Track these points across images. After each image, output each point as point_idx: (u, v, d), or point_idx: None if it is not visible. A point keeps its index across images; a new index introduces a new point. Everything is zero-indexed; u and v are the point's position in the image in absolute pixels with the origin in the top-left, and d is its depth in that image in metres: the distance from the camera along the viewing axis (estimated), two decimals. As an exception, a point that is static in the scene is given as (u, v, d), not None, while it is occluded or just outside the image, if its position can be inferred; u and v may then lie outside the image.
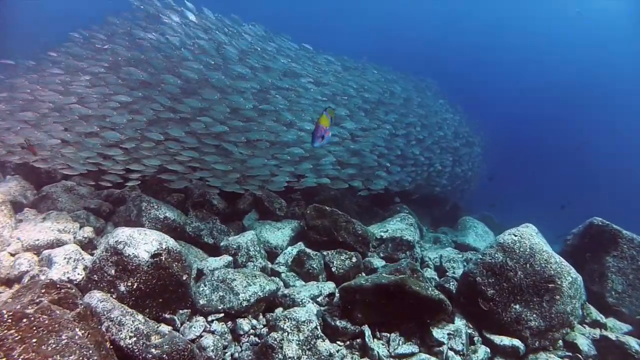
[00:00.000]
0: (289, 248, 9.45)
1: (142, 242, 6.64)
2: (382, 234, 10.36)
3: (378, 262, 9.52)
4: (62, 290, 4.94)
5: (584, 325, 8.54)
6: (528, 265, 7.72)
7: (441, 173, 16.25)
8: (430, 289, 7.12)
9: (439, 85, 17.82)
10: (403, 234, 10.23)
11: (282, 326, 6.07)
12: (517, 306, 7.59)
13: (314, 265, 8.62)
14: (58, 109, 9.87)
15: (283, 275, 8.66)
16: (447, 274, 9.80)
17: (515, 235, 8.00)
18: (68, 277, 6.76)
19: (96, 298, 5.72)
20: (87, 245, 8.72)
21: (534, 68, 53.31)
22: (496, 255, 7.88)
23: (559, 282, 7.56)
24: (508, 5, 49.44)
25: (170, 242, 7.03)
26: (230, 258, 8.52)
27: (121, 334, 5.26)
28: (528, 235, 8.03)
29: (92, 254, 8.07)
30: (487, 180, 19.82)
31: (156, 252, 6.65)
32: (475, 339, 7.51)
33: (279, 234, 10.05)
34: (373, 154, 12.28)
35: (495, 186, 22.09)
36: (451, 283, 8.74)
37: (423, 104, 15.56)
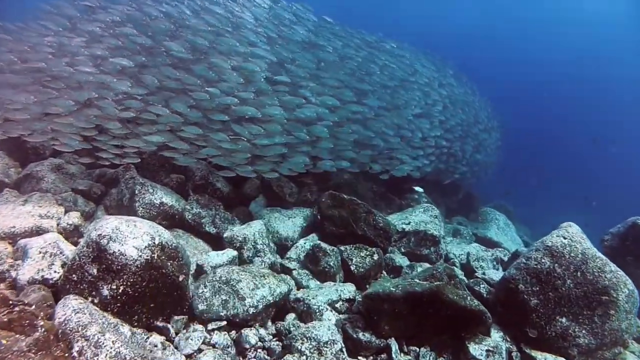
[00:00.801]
0: (302, 241, 8.24)
1: (131, 236, 5.42)
2: (404, 226, 9.14)
3: (401, 259, 8.34)
4: (16, 309, 3.69)
5: (633, 342, 7.33)
6: (579, 273, 6.52)
7: (461, 159, 15.02)
8: (468, 298, 5.95)
9: (458, 66, 16.38)
10: (427, 228, 9.01)
11: (299, 348, 4.90)
12: (564, 319, 6.42)
13: (331, 263, 7.42)
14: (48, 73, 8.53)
15: (295, 273, 7.47)
16: (476, 274, 8.59)
17: (565, 238, 6.77)
18: (42, 276, 5.50)
19: (70, 307, 4.51)
20: (73, 233, 7.52)
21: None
22: (543, 260, 6.67)
23: (614, 295, 6.37)
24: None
25: (165, 236, 5.82)
26: (235, 253, 7.31)
27: None
28: (579, 239, 6.81)
29: (77, 244, 6.82)
30: (502, 169, 18.53)
31: (147, 248, 5.40)
32: (514, 354, 6.35)
33: (289, 223, 8.84)
34: (396, 137, 10.96)
35: (509, 174, 20.84)
36: (482, 286, 7.54)
37: (445, 83, 14.19)
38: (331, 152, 9.57)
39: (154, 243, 5.53)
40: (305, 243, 8.12)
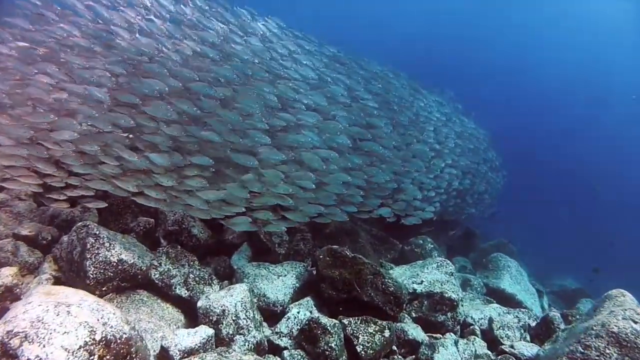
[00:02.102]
0: (294, 309, 6.51)
1: (59, 332, 3.70)
2: (416, 286, 7.47)
3: (414, 331, 6.65)
4: None
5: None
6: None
7: (471, 200, 13.69)
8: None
9: (456, 96, 14.91)
10: (444, 289, 7.35)
11: None
12: None
13: (332, 344, 5.67)
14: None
15: (286, 354, 5.72)
16: (503, 347, 6.90)
17: (636, 322, 5.11)
18: None
19: None
20: (5, 296, 5.76)
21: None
22: (607, 352, 5.03)
23: None
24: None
25: (113, 323, 4.12)
26: (211, 331, 5.55)
27: None
28: (650, 318, 5.17)
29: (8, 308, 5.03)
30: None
31: (84, 348, 3.67)
32: None
33: (279, 283, 7.11)
34: (409, 178, 9.37)
35: (506, 212, 19.32)
36: (514, 365, 5.82)
37: (455, 119, 12.75)
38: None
39: (95, 339, 3.82)
40: (299, 312, 6.38)
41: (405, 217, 9.32)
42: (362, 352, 5.81)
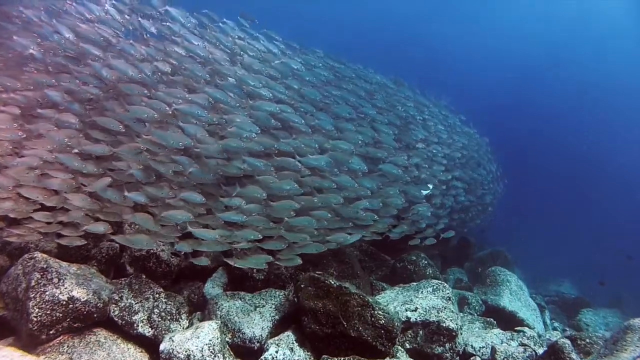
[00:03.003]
0: (272, 347, 5.69)
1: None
2: (410, 314, 6.64)
3: (409, 368, 5.80)
4: None
5: None
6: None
7: (476, 213, 13.19)
8: None
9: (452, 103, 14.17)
10: (441, 318, 6.52)
11: None
12: None
13: (314, 394, 4.82)
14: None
15: (262, 406, 4.85)
16: (510, 382, 6.09)
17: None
18: None
19: None
20: None
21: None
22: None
23: None
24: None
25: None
26: (173, 383, 4.67)
27: None
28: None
29: None
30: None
31: None
32: None
33: (256, 317, 6.26)
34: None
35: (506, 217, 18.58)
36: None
37: (460, 130, 12.15)
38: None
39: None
40: (277, 352, 5.55)
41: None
42: (350, 401, 5.00)
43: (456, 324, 6.54)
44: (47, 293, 5.27)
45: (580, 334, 7.98)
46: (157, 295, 6.23)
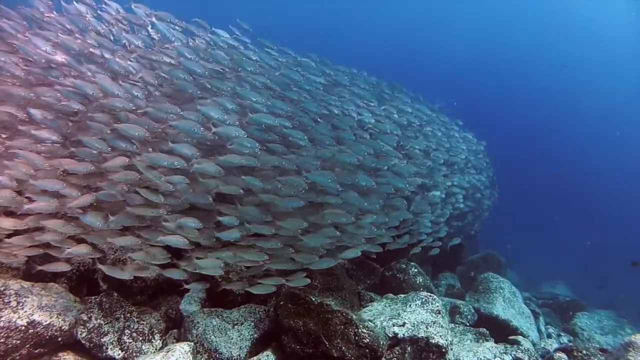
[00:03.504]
0: (250, 369, 5.27)
1: None
2: (397, 329, 6.24)
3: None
4: None
5: None
6: None
7: (472, 217, 12.85)
8: None
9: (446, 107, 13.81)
10: (430, 333, 6.14)
11: None
12: None
13: None
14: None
15: None
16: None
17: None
18: None
19: None
20: None
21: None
22: None
23: None
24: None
25: None
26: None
27: None
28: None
29: None
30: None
31: None
32: None
33: (234, 334, 5.87)
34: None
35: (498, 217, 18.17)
36: None
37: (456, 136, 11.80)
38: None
39: None
40: (254, 376, 5.17)
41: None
42: None
43: (446, 340, 6.16)
44: (2, 318, 4.86)
45: (577, 344, 7.66)
46: (129, 314, 5.83)
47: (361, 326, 5.51)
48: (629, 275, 15.66)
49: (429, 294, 7.03)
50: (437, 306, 6.69)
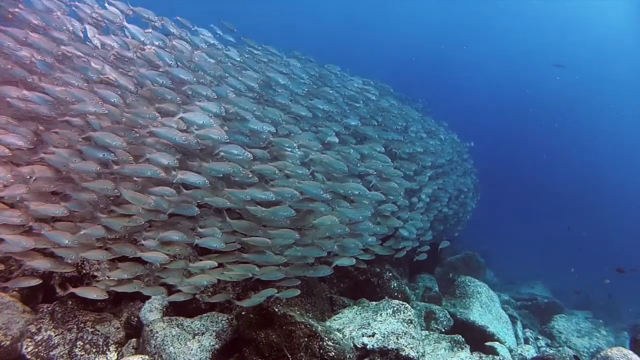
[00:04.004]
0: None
1: None
2: (366, 340, 5.93)
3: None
4: None
5: None
6: None
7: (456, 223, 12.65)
8: None
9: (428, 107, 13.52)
10: (400, 345, 5.83)
11: None
12: None
13: None
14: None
15: None
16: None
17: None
18: None
19: None
20: None
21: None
22: None
23: None
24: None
25: None
26: None
27: None
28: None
29: None
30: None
31: None
32: None
33: (194, 346, 5.49)
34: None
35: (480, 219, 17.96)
36: None
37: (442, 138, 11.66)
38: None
39: None
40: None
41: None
42: None
43: (417, 352, 5.85)
44: None
45: (552, 354, 7.40)
46: (83, 324, 5.45)
47: (326, 338, 5.18)
48: (613, 280, 15.61)
49: (400, 302, 6.72)
50: (409, 315, 6.38)
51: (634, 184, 37.65)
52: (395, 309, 6.50)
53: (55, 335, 5.18)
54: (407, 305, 6.62)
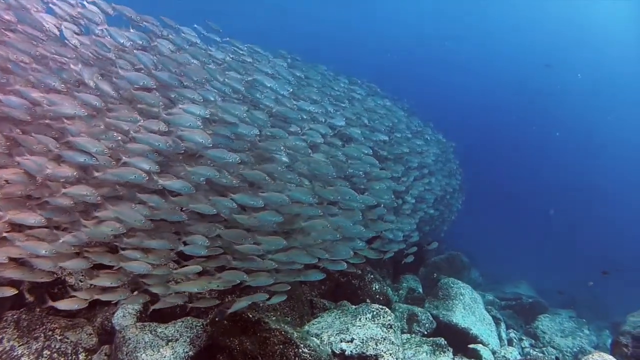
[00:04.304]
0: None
1: None
2: (345, 346, 5.76)
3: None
4: None
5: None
6: None
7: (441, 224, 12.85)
8: None
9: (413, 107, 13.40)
10: (379, 351, 5.68)
11: None
12: None
13: None
14: None
15: None
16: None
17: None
18: None
19: None
20: None
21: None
22: None
23: None
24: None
25: None
26: None
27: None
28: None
29: None
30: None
31: None
32: None
33: (167, 353, 5.29)
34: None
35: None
36: None
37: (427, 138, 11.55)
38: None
39: None
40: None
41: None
42: None
43: (396, 358, 5.70)
44: None
45: (537, 355, 7.31)
46: (51, 332, 5.23)
47: (302, 345, 5.01)
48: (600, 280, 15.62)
49: (380, 306, 6.56)
50: (389, 320, 6.22)
51: (623, 182, 37.87)
52: (374, 313, 6.34)
53: (19, 346, 4.95)
54: (387, 309, 6.47)
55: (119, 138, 5.05)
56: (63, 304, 4.92)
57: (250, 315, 5.16)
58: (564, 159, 42.36)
